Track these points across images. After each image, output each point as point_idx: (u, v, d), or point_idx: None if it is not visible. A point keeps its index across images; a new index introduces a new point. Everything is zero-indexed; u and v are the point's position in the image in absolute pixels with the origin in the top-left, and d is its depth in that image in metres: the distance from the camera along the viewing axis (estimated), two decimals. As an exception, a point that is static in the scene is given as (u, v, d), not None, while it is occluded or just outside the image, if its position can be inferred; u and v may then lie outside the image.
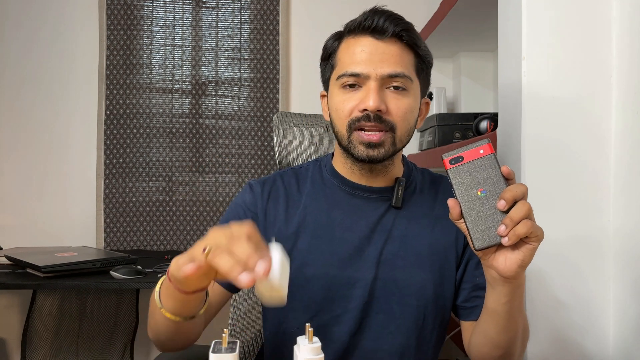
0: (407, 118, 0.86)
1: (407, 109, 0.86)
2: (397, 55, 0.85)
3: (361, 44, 0.85)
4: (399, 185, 0.91)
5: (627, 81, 0.97)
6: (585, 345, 1.00)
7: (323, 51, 0.93)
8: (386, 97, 0.85)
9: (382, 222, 0.91)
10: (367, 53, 0.84)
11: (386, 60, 0.84)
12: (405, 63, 0.86)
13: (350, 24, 0.88)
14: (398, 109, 0.85)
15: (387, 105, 0.84)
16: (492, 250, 0.68)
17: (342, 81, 0.86)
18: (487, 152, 0.67)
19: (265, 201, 0.93)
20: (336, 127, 0.89)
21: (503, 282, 0.70)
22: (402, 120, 0.86)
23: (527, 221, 0.64)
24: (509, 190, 0.65)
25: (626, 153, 0.97)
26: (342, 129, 0.87)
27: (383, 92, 0.85)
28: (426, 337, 0.90)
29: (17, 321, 2.13)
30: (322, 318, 0.89)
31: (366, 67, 0.84)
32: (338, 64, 0.89)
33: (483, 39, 1.88)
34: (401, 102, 0.85)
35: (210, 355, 0.61)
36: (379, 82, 0.84)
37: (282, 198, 0.94)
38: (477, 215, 0.66)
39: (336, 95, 0.88)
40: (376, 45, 0.85)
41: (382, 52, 0.84)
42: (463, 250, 0.92)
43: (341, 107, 0.87)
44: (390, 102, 0.85)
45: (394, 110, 0.85)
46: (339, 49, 0.89)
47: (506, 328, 0.77)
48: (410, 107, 0.86)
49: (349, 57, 0.86)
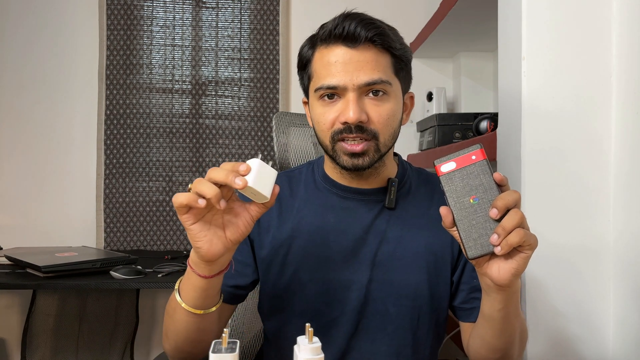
0: (389, 123, 0.85)
1: (389, 114, 0.84)
2: (372, 61, 0.82)
3: (335, 53, 0.83)
4: (391, 186, 0.90)
5: (627, 81, 0.97)
6: (584, 351, 1.00)
7: (298, 59, 0.91)
8: (366, 106, 0.83)
9: (375, 223, 0.90)
10: (342, 64, 0.82)
11: (362, 69, 0.82)
12: (382, 67, 0.83)
13: (322, 31, 0.85)
14: (380, 116, 0.83)
15: (368, 113, 0.83)
16: (485, 259, 0.67)
17: (319, 93, 0.85)
18: (479, 157, 0.66)
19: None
20: (319, 138, 0.89)
21: (497, 290, 0.70)
22: (385, 126, 0.84)
23: (520, 230, 0.63)
24: (501, 198, 0.64)
25: (626, 154, 0.97)
26: (325, 140, 0.86)
27: (362, 100, 0.83)
28: (422, 337, 0.90)
29: (17, 321, 2.13)
30: (319, 321, 0.89)
31: (342, 78, 0.82)
32: (314, 75, 0.87)
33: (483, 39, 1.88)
34: (382, 109, 0.84)
35: (210, 355, 0.61)
36: (357, 92, 0.82)
37: (275, 204, 0.93)
38: (470, 223, 0.65)
39: (316, 108, 0.87)
40: (350, 54, 0.82)
41: (357, 60, 0.82)
42: (460, 251, 0.91)
43: (322, 119, 0.85)
44: (371, 110, 0.83)
45: (375, 118, 0.83)
46: (313, 59, 0.87)
47: (503, 332, 0.77)
48: (392, 112, 0.85)
49: (324, 68, 0.84)
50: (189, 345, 0.83)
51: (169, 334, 0.84)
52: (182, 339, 0.82)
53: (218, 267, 0.75)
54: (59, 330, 2.06)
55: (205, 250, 0.71)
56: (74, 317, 2.08)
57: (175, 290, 0.80)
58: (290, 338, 0.91)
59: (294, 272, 0.90)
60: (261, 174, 0.69)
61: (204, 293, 0.77)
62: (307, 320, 0.88)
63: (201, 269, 0.74)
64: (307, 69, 0.89)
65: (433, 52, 2.12)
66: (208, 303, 0.78)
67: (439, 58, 2.20)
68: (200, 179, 0.68)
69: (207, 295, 0.77)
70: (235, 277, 0.91)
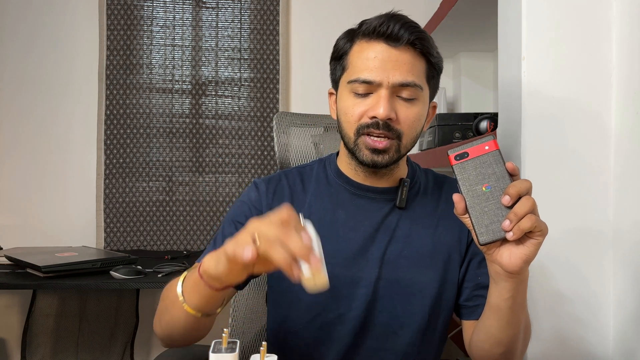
0: (414, 126, 0.87)
1: (416, 118, 0.86)
2: (409, 63, 0.84)
3: (374, 49, 0.85)
4: (403, 186, 0.92)
5: (627, 81, 0.97)
6: (585, 339, 1.00)
7: (334, 50, 0.92)
8: (396, 105, 0.85)
9: (385, 222, 0.91)
10: (380, 60, 0.84)
11: (398, 68, 0.83)
12: (417, 71, 0.85)
13: (365, 27, 0.86)
14: (407, 118, 0.85)
15: (397, 113, 0.85)
16: (496, 245, 0.68)
17: (353, 86, 0.86)
18: (492, 148, 0.68)
19: (270, 199, 0.94)
20: (343, 130, 0.89)
21: (507, 278, 0.71)
22: (410, 128, 0.86)
23: (532, 216, 0.64)
24: (513, 185, 0.66)
25: (626, 153, 0.97)
26: (349, 132, 0.87)
27: (394, 99, 0.85)
28: (429, 336, 0.91)
29: (17, 321, 2.13)
30: (325, 317, 0.90)
31: (378, 74, 0.83)
32: (349, 67, 0.88)
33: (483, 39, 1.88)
34: (410, 111, 0.86)
35: (210, 355, 0.61)
36: (390, 90, 0.84)
37: (287, 197, 0.94)
38: (482, 210, 0.67)
39: (346, 99, 0.88)
40: (389, 52, 0.84)
41: (395, 59, 0.84)
42: (466, 250, 0.92)
43: (351, 111, 0.86)
44: (400, 111, 0.85)
45: (402, 119, 0.85)
46: (351, 51, 0.88)
47: (508, 324, 0.78)
48: (418, 116, 0.87)
49: (362, 62, 0.85)
50: (183, 338, 0.82)
51: (162, 322, 0.82)
52: (177, 333, 0.81)
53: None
54: (59, 330, 2.06)
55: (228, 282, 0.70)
56: (74, 317, 2.08)
57: (179, 283, 0.77)
58: (296, 333, 0.92)
59: None
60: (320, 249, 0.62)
61: (210, 300, 0.75)
62: (313, 315, 0.90)
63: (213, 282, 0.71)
64: (342, 60, 0.90)
65: (433, 52, 2.12)
66: (211, 307, 0.77)
67: (439, 58, 2.20)
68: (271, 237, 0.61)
69: (213, 302, 0.76)
70: None
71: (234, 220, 0.92)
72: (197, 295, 0.74)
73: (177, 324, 0.80)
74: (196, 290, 0.74)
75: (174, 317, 0.80)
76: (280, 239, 0.61)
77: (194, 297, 0.75)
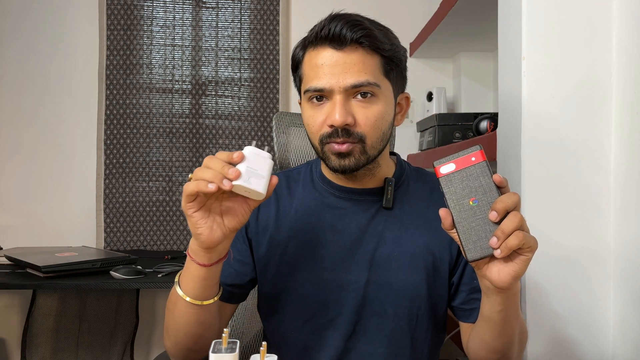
0: (377, 126, 0.84)
1: (377, 117, 0.83)
2: (359, 63, 0.81)
3: (321, 56, 0.83)
4: (387, 185, 0.90)
5: (627, 81, 0.97)
6: (583, 353, 1.00)
7: (291, 61, 0.91)
8: (353, 108, 0.82)
9: (372, 223, 0.90)
10: (328, 66, 0.82)
11: (348, 71, 0.81)
12: (369, 69, 0.82)
13: (310, 33, 0.85)
14: (367, 119, 0.82)
15: (355, 116, 0.82)
16: (485, 261, 0.67)
17: (308, 95, 0.85)
18: (479, 159, 0.66)
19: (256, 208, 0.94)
20: (310, 140, 0.89)
21: (497, 292, 0.70)
22: (372, 129, 0.83)
23: (519, 232, 0.63)
24: (500, 200, 0.64)
25: (626, 153, 0.97)
26: (315, 142, 0.87)
27: (349, 103, 0.82)
28: (420, 337, 0.90)
29: (17, 321, 2.13)
30: (316, 322, 0.89)
31: (328, 80, 0.81)
32: (304, 77, 0.87)
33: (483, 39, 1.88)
34: (369, 111, 0.83)
35: (210, 355, 0.61)
36: (343, 95, 0.81)
37: (273, 203, 0.94)
38: (469, 225, 0.65)
39: (306, 109, 0.87)
40: (337, 56, 0.81)
41: (343, 62, 0.81)
42: (459, 252, 0.91)
43: (311, 122, 0.86)
44: (358, 113, 0.82)
45: (362, 121, 0.82)
46: (304, 60, 0.87)
47: (502, 334, 0.77)
48: (380, 114, 0.83)
49: (312, 71, 0.84)
50: (190, 340, 0.83)
51: (169, 330, 0.85)
52: (183, 333, 0.82)
53: (217, 255, 0.76)
54: (59, 330, 2.06)
55: (205, 237, 0.73)
56: (74, 317, 2.08)
57: (175, 283, 0.81)
58: (288, 339, 0.92)
59: (290, 272, 0.90)
60: (254, 167, 0.70)
61: (203, 282, 0.78)
62: (304, 320, 0.89)
63: (201, 257, 0.76)
64: (298, 71, 0.89)
65: (433, 52, 2.12)
66: (208, 293, 0.80)
67: (439, 58, 2.20)
68: (202, 168, 0.70)
69: (207, 284, 0.79)
70: (234, 276, 0.91)
71: None
72: (192, 280, 0.78)
73: (181, 323, 0.82)
74: (189, 274, 0.78)
75: (177, 317, 0.82)
76: (204, 163, 0.71)
77: (190, 284, 0.79)
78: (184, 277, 0.80)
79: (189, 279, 0.79)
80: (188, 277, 0.79)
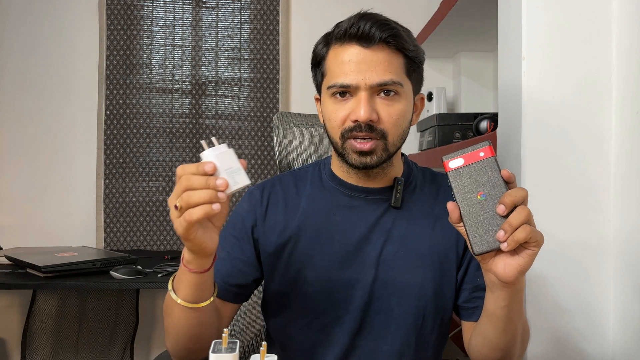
0: (399, 123, 0.86)
1: (399, 115, 0.85)
2: (385, 62, 0.83)
3: (348, 52, 0.84)
4: (397, 185, 0.91)
5: (627, 81, 0.97)
6: (584, 347, 1.00)
7: (312, 57, 0.92)
8: (377, 105, 0.84)
9: (380, 222, 0.91)
10: (355, 63, 0.83)
11: (374, 69, 0.83)
12: (394, 68, 0.84)
13: (337, 30, 0.86)
14: (390, 116, 0.84)
15: (379, 113, 0.84)
16: (491, 255, 0.67)
17: (332, 91, 0.86)
18: (488, 154, 0.67)
19: (264, 207, 0.94)
20: (330, 135, 0.89)
21: (502, 287, 0.70)
22: (394, 126, 0.85)
23: (527, 226, 0.63)
24: (508, 194, 0.64)
25: (626, 153, 0.97)
26: (335, 137, 0.88)
27: (374, 100, 0.84)
28: (426, 336, 0.90)
29: (17, 321, 2.13)
30: (323, 319, 0.90)
31: (355, 77, 0.83)
32: (327, 73, 0.88)
33: (483, 39, 1.88)
34: (392, 109, 0.85)
35: (210, 355, 0.61)
36: (368, 92, 0.83)
37: (281, 202, 0.94)
38: (477, 219, 0.66)
39: (328, 105, 0.88)
40: (364, 53, 0.83)
41: (370, 60, 0.83)
42: (464, 251, 0.91)
43: (333, 116, 0.87)
44: (382, 110, 0.84)
45: (385, 118, 0.84)
46: (328, 56, 0.88)
47: (505, 331, 0.77)
48: (402, 112, 0.86)
49: (337, 67, 0.85)
50: (190, 341, 0.84)
51: (169, 332, 0.85)
52: (183, 335, 0.83)
53: (212, 258, 0.77)
54: (59, 330, 2.06)
55: (209, 248, 0.72)
56: (74, 317, 2.08)
57: (170, 290, 0.80)
58: (295, 336, 0.92)
59: (299, 270, 0.90)
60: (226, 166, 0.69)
61: (201, 287, 0.78)
62: (312, 318, 0.90)
63: (197, 265, 0.75)
64: (321, 67, 0.90)
65: (433, 52, 2.12)
66: (205, 295, 0.79)
67: (439, 58, 2.20)
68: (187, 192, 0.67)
69: (204, 287, 0.79)
70: (238, 276, 0.91)
71: (228, 234, 0.94)
72: (188, 287, 0.77)
73: (180, 326, 0.82)
74: (185, 281, 0.77)
75: (176, 320, 0.82)
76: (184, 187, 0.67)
77: (186, 290, 0.78)
78: (179, 284, 0.79)
79: (185, 286, 0.78)
80: (184, 284, 0.78)
